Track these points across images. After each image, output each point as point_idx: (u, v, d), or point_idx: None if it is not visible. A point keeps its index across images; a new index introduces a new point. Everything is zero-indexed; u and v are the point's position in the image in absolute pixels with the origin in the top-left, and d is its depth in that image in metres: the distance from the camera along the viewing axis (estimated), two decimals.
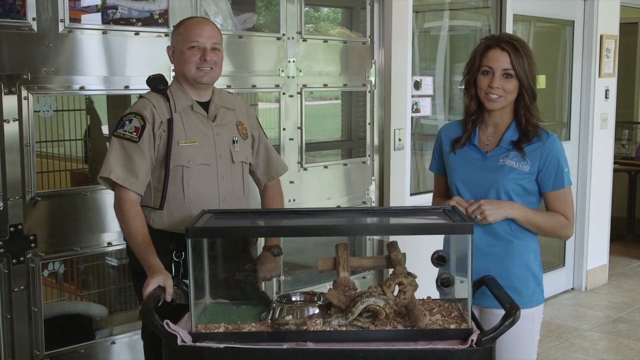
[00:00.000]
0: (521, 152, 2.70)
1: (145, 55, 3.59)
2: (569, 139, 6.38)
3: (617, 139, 7.71)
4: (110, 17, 3.50)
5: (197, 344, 2.19)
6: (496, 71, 2.67)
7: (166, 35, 3.60)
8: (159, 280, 2.48)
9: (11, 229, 3.24)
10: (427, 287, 2.48)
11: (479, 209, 2.64)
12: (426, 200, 3.09)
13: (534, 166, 2.71)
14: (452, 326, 2.26)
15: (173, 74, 3.42)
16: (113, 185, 2.80)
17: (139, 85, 3.45)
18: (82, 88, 3.43)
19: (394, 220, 2.76)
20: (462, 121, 2.88)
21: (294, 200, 4.29)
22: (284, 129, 4.27)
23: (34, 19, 3.22)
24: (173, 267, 2.70)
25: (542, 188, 2.74)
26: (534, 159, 2.71)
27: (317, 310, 2.35)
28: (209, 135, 2.89)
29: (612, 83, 6.59)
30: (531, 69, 2.69)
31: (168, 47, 2.94)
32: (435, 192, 3.03)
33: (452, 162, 2.85)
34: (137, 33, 3.57)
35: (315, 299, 2.48)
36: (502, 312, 2.31)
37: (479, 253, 2.56)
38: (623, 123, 8.65)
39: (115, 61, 3.52)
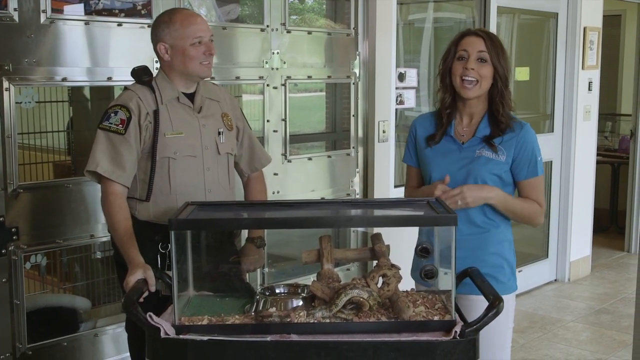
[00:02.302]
0: (492, 147, 2.75)
1: (128, 47, 3.57)
2: (553, 131, 6.41)
3: (600, 131, 7.74)
4: (93, 8, 3.47)
5: (181, 336, 2.18)
6: (471, 54, 2.74)
7: (149, 26, 3.57)
8: (139, 274, 2.48)
9: None
10: (410, 279, 2.49)
11: (461, 194, 2.66)
12: None
13: (509, 156, 2.77)
14: (436, 318, 2.27)
15: (157, 65, 3.41)
16: (100, 178, 2.78)
17: (122, 77, 3.43)
18: (64, 79, 3.41)
19: (378, 212, 2.76)
20: (435, 113, 2.91)
21: (278, 192, 4.28)
22: (268, 121, 4.26)
23: (15, 9, 3.19)
24: (159, 259, 2.69)
25: (516, 177, 2.80)
26: (509, 149, 2.76)
27: (301, 303, 2.35)
28: (195, 127, 2.88)
29: (595, 75, 6.61)
30: (504, 58, 2.77)
31: (160, 45, 2.84)
32: (408, 184, 3.04)
33: (428, 156, 2.87)
34: (120, 24, 3.55)
35: (299, 291, 2.48)
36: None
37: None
38: (606, 115, 8.69)
39: (98, 52, 3.49)
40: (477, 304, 2.40)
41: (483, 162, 2.75)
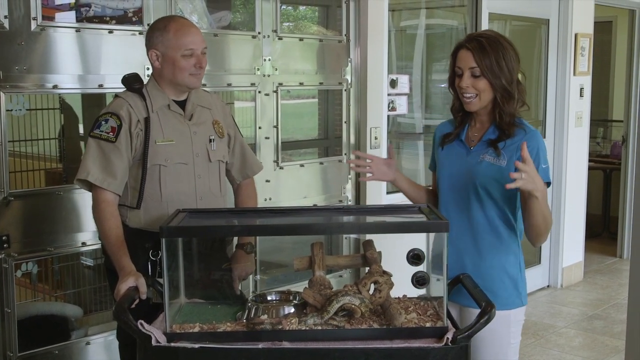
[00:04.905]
0: (496, 150, 2.70)
1: (119, 54, 3.56)
2: (545, 137, 6.42)
3: (592, 136, 7.76)
4: (84, 15, 3.47)
5: (172, 344, 2.18)
6: (464, 71, 2.68)
7: (140, 33, 3.57)
8: (130, 281, 2.47)
9: None
10: (402, 286, 2.48)
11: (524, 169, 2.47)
12: (402, 198, 3.08)
13: (511, 161, 2.69)
14: (428, 324, 2.27)
15: (148, 72, 3.40)
16: (90, 186, 2.77)
17: (113, 84, 3.43)
18: (55, 87, 3.40)
19: (370, 219, 2.76)
20: None
21: (270, 199, 4.28)
22: (259, 128, 4.26)
23: (5, 17, 3.19)
24: (150, 266, 2.69)
25: None
26: (511, 155, 2.69)
27: (292, 310, 2.35)
28: (186, 134, 2.88)
29: (586, 81, 6.63)
30: (501, 65, 2.66)
31: (152, 52, 2.84)
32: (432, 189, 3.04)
33: (440, 156, 2.87)
34: (111, 31, 3.54)
35: (291, 298, 2.48)
36: (478, 310, 2.32)
37: (455, 250, 2.57)
38: (598, 121, 8.72)
39: (89, 60, 3.49)
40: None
41: (485, 167, 2.72)
